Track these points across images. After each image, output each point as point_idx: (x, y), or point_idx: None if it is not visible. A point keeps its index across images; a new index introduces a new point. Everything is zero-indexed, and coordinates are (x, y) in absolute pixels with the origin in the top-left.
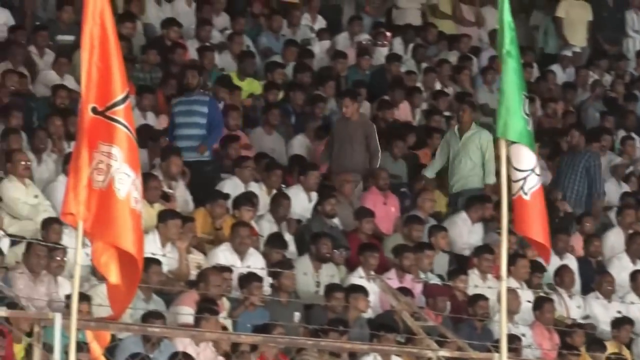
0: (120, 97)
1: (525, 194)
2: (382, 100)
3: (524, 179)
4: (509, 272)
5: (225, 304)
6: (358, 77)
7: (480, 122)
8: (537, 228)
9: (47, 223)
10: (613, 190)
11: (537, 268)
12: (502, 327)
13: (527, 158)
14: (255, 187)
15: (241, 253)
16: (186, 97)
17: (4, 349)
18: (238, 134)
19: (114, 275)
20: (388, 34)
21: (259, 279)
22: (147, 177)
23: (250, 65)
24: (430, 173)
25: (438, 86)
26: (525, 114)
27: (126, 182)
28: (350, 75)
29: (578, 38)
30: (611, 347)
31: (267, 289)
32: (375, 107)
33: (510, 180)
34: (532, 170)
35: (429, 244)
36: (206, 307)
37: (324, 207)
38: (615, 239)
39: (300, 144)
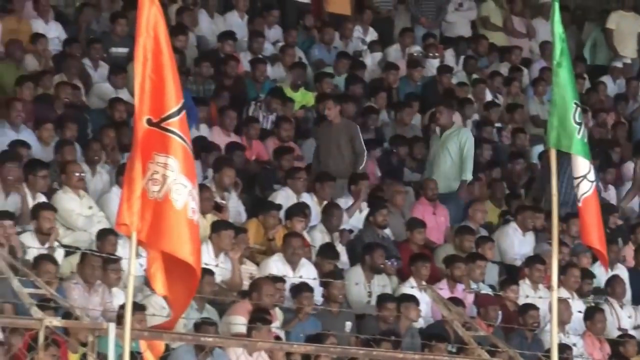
0: (175, 108)
1: (578, 200)
2: (433, 112)
3: (577, 186)
4: (560, 282)
5: (278, 314)
6: (409, 89)
7: (532, 134)
8: (592, 234)
9: (103, 234)
10: None
11: (587, 275)
12: (553, 337)
13: (579, 165)
14: (307, 198)
15: (293, 263)
16: None
17: (59, 359)
18: (290, 145)
19: (160, 286)
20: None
21: (310, 289)
22: (199, 188)
23: (301, 77)
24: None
25: (489, 97)
26: (576, 122)
27: (183, 192)
28: (402, 87)
29: (629, 49)
30: None
31: (319, 299)
32: (427, 118)
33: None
34: (584, 176)
35: (480, 254)
36: (259, 317)
37: (376, 218)
38: None
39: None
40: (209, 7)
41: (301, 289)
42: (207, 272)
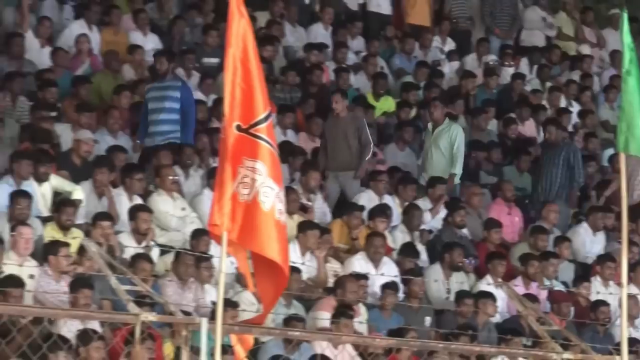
0: (262, 115)
1: None
2: (508, 117)
3: None
4: (630, 279)
5: (361, 309)
6: (485, 96)
7: (602, 138)
8: None
9: (197, 234)
10: None
11: None
12: (623, 331)
13: None
14: (389, 200)
15: (375, 261)
16: (158, 82)
17: (155, 352)
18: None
19: (256, 283)
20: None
21: (396, 287)
22: (286, 191)
23: (383, 85)
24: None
25: (563, 104)
26: None
27: (270, 195)
28: (479, 94)
29: None
30: None
31: (400, 295)
32: (502, 124)
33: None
34: None
35: (553, 252)
36: (343, 312)
37: (455, 218)
38: None
39: None
40: (295, 19)
41: (388, 286)
42: (294, 270)
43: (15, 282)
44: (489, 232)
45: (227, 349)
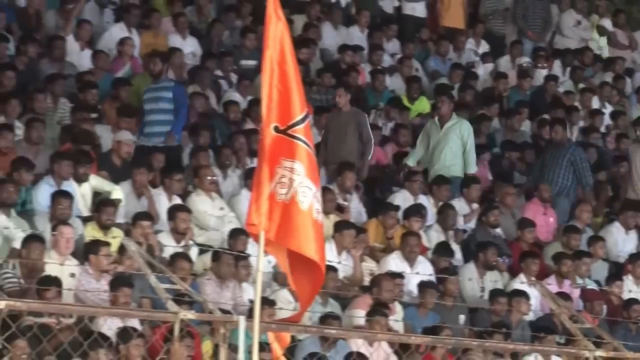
0: (300, 116)
1: None
2: (542, 119)
3: None
4: None
5: (396, 307)
6: (519, 97)
7: (634, 139)
8: None
9: (235, 234)
10: None
11: None
12: None
13: None
14: (423, 200)
15: (411, 260)
16: (154, 84)
17: (193, 349)
18: (408, 150)
19: (291, 281)
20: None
21: (434, 286)
22: (323, 191)
23: (417, 88)
24: (412, 161)
25: (595, 105)
26: None
27: (308, 194)
28: (512, 95)
29: None
30: None
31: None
32: (536, 125)
33: None
34: None
35: (586, 251)
36: (378, 310)
37: (489, 218)
38: None
39: None
40: (333, 21)
41: (427, 285)
42: (331, 269)
43: (53, 281)
44: (523, 232)
45: (264, 347)
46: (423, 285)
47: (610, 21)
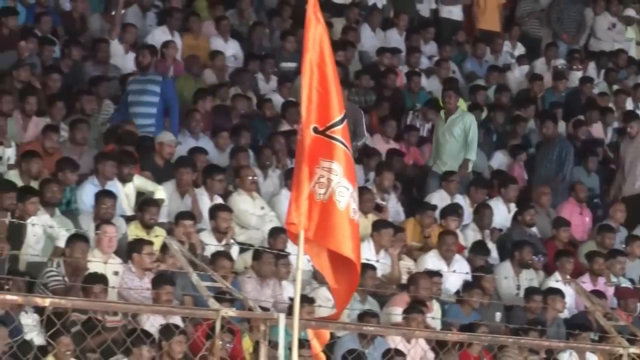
0: (338, 118)
1: None
2: (576, 120)
3: None
4: None
5: (434, 305)
6: (554, 99)
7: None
8: None
9: (274, 232)
10: None
11: None
12: None
13: None
14: (460, 199)
15: (448, 259)
16: (140, 76)
17: (234, 346)
18: None
19: (331, 280)
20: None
21: (480, 286)
22: (361, 191)
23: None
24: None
25: (629, 106)
26: None
27: (345, 194)
28: (547, 97)
29: None
30: None
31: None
32: (571, 126)
33: None
34: None
35: (620, 250)
36: (416, 308)
37: (524, 217)
38: None
39: (500, 160)
40: (371, 24)
41: (473, 285)
42: (369, 267)
43: (100, 279)
44: (558, 231)
45: (304, 343)
46: (468, 285)
47: (634, 9)
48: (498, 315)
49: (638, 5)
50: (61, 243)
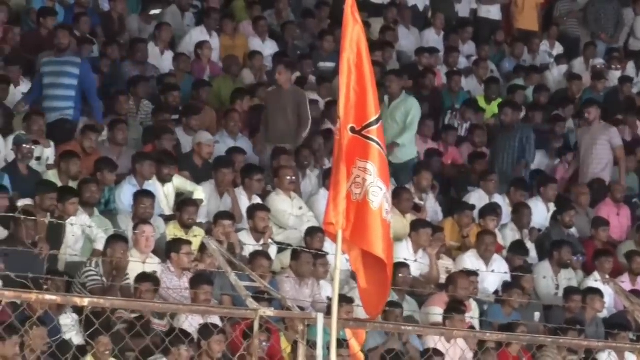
0: (374, 118)
1: None
2: (616, 119)
3: None
4: None
5: (472, 305)
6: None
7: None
8: None
9: (312, 232)
10: None
11: None
12: None
13: None
14: (499, 199)
15: (486, 259)
16: (56, 57)
17: (273, 345)
18: (483, 150)
19: (362, 280)
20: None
21: (520, 287)
22: (400, 190)
23: (495, 90)
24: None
25: None
26: None
27: (379, 195)
28: (585, 97)
29: None
30: None
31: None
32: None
33: None
34: None
35: None
36: (455, 308)
37: (564, 217)
38: None
39: (539, 160)
40: (409, 24)
41: (513, 285)
42: (402, 265)
43: (150, 279)
44: (597, 230)
45: (342, 343)
46: (507, 285)
47: None
48: (537, 315)
49: None
50: (99, 245)
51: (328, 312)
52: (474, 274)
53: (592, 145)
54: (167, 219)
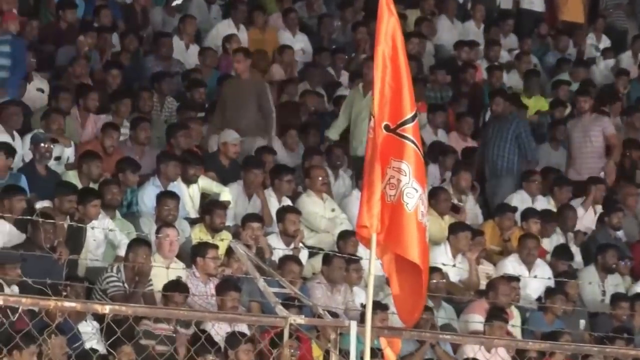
0: (409, 115)
1: None
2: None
3: None
4: None
5: (514, 312)
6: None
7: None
8: None
9: (344, 235)
10: None
11: None
12: None
13: None
14: (542, 201)
15: (529, 264)
16: None
17: (304, 355)
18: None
19: (395, 285)
20: None
21: (563, 292)
22: (437, 191)
23: (536, 84)
24: (333, 134)
25: None
26: None
27: (414, 196)
28: (633, 91)
29: None
30: None
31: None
32: None
33: None
34: None
35: None
36: (497, 315)
37: (611, 220)
38: None
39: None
40: (448, 15)
41: (556, 292)
42: (436, 270)
43: (180, 287)
44: None
45: (376, 352)
46: (550, 291)
47: None
48: (582, 323)
49: None
50: (122, 252)
51: (361, 320)
52: (516, 279)
53: (585, 137)
54: (192, 222)
